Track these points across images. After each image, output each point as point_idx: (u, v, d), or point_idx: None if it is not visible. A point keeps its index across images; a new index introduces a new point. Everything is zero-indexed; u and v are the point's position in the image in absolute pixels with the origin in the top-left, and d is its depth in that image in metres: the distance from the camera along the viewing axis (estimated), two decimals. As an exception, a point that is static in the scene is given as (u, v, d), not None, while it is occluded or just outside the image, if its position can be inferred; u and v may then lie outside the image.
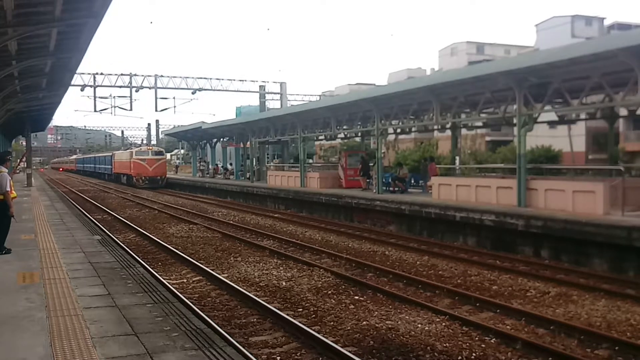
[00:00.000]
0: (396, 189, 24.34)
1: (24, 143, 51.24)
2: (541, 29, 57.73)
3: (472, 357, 7.62)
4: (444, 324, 9.03)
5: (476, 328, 8.78)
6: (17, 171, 53.05)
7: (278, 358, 7.65)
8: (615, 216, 14.17)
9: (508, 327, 9.01)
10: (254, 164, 39.76)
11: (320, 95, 64.92)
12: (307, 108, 30.65)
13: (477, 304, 10.27)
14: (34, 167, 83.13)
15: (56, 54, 17.56)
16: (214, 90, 50.22)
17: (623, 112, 24.19)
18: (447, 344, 8.09)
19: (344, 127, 31.32)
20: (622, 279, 12.20)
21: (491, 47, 66.70)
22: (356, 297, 10.79)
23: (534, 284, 11.61)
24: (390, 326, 8.88)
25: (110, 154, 67.34)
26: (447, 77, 20.60)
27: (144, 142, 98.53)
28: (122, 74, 47.30)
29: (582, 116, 23.90)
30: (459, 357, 7.59)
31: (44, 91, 26.10)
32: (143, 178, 48.81)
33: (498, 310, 9.85)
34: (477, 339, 8.36)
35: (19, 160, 53.96)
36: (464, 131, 32.61)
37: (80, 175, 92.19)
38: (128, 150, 58.10)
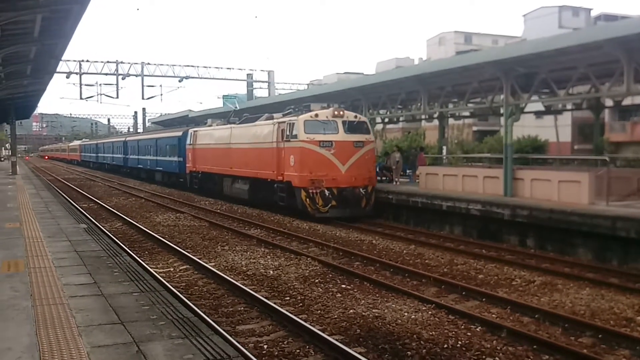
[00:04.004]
0: (384, 178, 24.39)
1: (9, 131, 50.58)
2: (529, 19, 57.87)
3: (458, 345, 7.68)
4: (430, 312, 9.09)
5: (462, 316, 8.85)
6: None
7: (265, 346, 7.67)
8: (600, 206, 14.31)
9: (494, 315, 9.09)
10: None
11: (308, 84, 64.71)
12: (294, 97, 30.55)
13: (463, 293, 10.34)
14: (19, 155, 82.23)
15: (41, 40, 17.35)
16: (201, 78, 49.92)
17: (609, 102, 24.40)
18: (433, 332, 8.15)
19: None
20: (606, 268, 12.36)
21: (479, 37, 66.76)
22: (343, 286, 10.82)
23: (520, 273, 11.71)
24: (376, 314, 8.93)
25: (174, 133, 35.97)
26: (435, 67, 20.62)
27: (131, 130, 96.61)
28: (108, 62, 46.89)
29: (569, 106, 24.05)
30: (445, 345, 7.65)
31: (29, 78, 25.80)
32: (325, 193, 19.47)
33: (484, 299, 9.93)
34: (463, 327, 8.43)
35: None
36: (451, 121, 32.81)
37: (89, 168, 68.82)
38: (263, 120, 23.12)
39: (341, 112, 20.18)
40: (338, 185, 19.46)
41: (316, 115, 19.96)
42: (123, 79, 47.91)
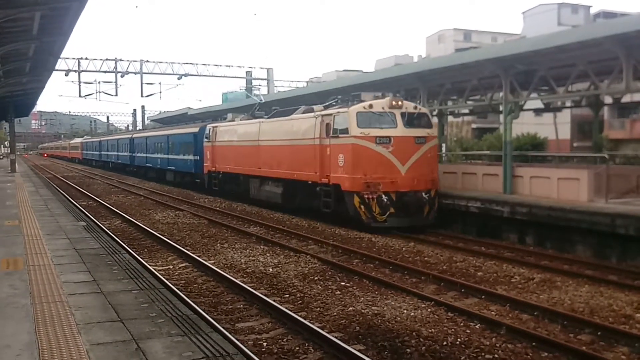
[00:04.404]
0: None
1: (8, 129, 50.53)
2: (528, 17, 57.87)
3: (457, 342, 7.69)
4: (429, 309, 9.09)
5: (461, 314, 8.86)
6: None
7: (264, 344, 7.67)
8: (599, 203, 14.32)
9: (493, 312, 9.10)
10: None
11: (307, 82, 64.68)
12: (294, 95, 30.52)
13: (463, 290, 10.35)
14: (18, 153, 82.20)
15: (40, 38, 17.31)
16: (200, 75, 49.75)
17: (608, 100, 24.40)
18: (433, 330, 8.15)
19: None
20: (605, 265, 12.36)
21: (478, 35, 66.79)
22: (342, 283, 10.83)
23: (519, 270, 11.72)
24: (376, 312, 8.93)
25: (189, 130, 33.32)
26: (434, 64, 20.62)
27: (129, 128, 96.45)
28: (107, 59, 46.70)
29: (568, 104, 24.10)
30: (444, 343, 7.65)
31: (28, 76, 25.76)
32: (383, 199, 16.46)
33: (483, 296, 9.94)
34: (462, 324, 8.44)
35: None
36: (450, 118, 32.72)
37: (91, 167, 66.10)
38: (301, 113, 20.03)
39: (400, 102, 17.22)
40: (397, 189, 16.58)
41: (370, 106, 16.94)
42: (122, 76, 47.76)
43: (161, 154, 38.03)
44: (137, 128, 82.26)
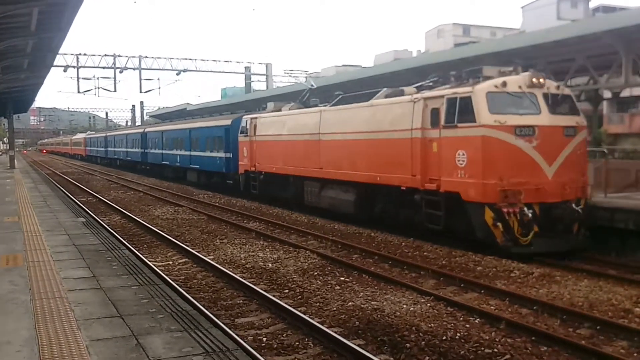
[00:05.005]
0: None
1: (6, 125, 50.48)
2: (527, 11, 57.80)
3: (457, 337, 7.70)
4: (429, 304, 9.10)
5: (461, 308, 8.87)
6: None
7: (264, 339, 7.68)
8: (598, 197, 14.31)
9: (492, 307, 9.11)
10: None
11: (306, 77, 64.57)
12: (292, 89, 30.48)
13: (462, 285, 10.36)
14: (17, 149, 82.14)
15: (37, 34, 17.29)
16: (199, 71, 49.88)
17: (607, 94, 24.40)
18: (432, 324, 8.16)
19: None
20: (604, 259, 12.36)
21: (477, 29, 66.70)
22: (342, 279, 10.84)
23: (518, 265, 11.71)
24: (375, 307, 8.94)
25: (219, 122, 29.00)
26: (434, 59, 20.61)
27: (129, 124, 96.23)
28: (105, 55, 46.84)
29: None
30: (444, 337, 7.66)
31: (26, 72, 25.73)
32: (526, 213, 12.06)
33: (482, 291, 9.95)
34: (461, 319, 8.45)
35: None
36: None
37: (95, 164, 63.22)
38: (387, 97, 15.71)
39: (541, 80, 12.76)
40: (543, 199, 12.27)
41: (504, 84, 12.52)
42: (121, 72, 47.84)
43: (181, 150, 33.95)
44: (136, 124, 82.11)
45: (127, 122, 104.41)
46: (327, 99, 20.38)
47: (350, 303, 9.21)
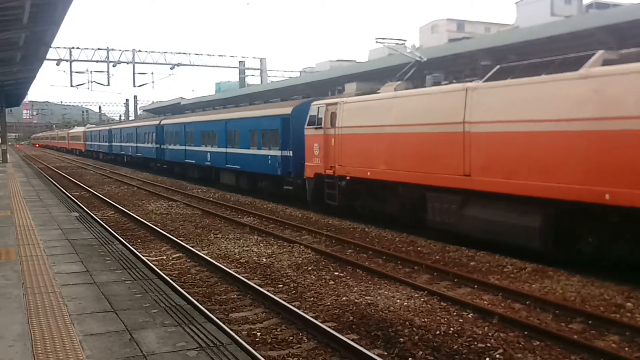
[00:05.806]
0: None
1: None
2: (521, 7, 57.81)
3: (450, 331, 7.73)
4: (422, 299, 9.13)
5: (454, 303, 8.90)
6: None
7: (258, 334, 7.69)
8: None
9: (485, 302, 9.15)
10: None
11: (300, 72, 64.45)
12: (287, 84, 30.48)
13: (455, 280, 10.40)
14: (10, 144, 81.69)
15: (30, 27, 17.19)
16: (193, 65, 49.78)
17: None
18: (426, 319, 8.19)
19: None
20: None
21: (471, 25, 66.59)
22: (336, 273, 10.85)
23: (511, 260, 11.76)
24: (369, 302, 8.96)
25: (273, 111, 22.64)
26: (428, 54, 20.58)
27: (122, 118, 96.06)
28: (99, 49, 46.61)
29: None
30: (437, 332, 7.69)
31: (19, 65, 25.60)
32: None
33: (476, 286, 9.98)
34: (454, 314, 8.48)
35: None
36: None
37: (94, 159, 59.30)
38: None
39: None
40: None
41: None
42: (114, 66, 47.62)
43: (213, 146, 28.03)
44: (130, 118, 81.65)
45: (120, 116, 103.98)
46: (322, 93, 20.03)
47: (344, 298, 9.23)
